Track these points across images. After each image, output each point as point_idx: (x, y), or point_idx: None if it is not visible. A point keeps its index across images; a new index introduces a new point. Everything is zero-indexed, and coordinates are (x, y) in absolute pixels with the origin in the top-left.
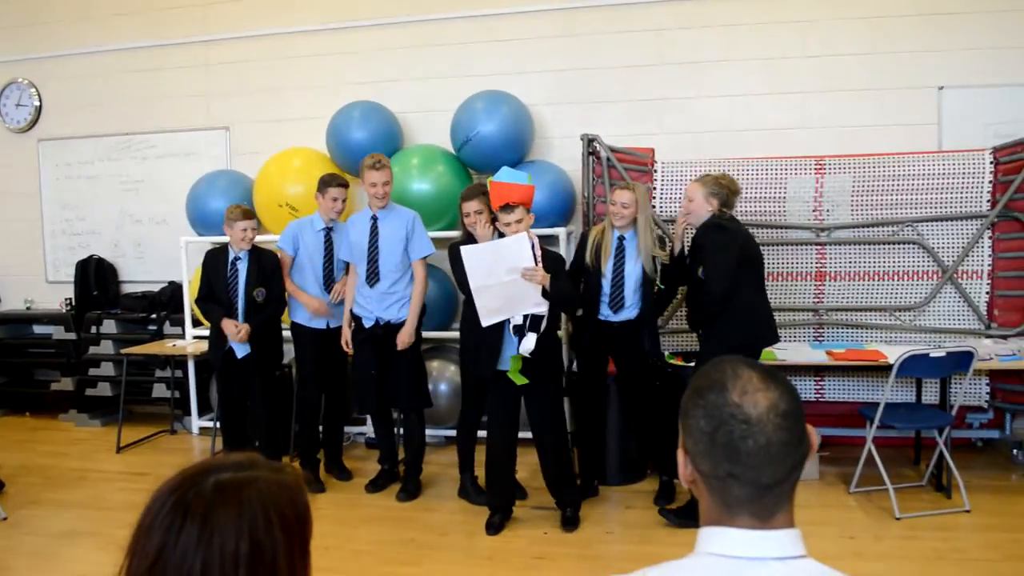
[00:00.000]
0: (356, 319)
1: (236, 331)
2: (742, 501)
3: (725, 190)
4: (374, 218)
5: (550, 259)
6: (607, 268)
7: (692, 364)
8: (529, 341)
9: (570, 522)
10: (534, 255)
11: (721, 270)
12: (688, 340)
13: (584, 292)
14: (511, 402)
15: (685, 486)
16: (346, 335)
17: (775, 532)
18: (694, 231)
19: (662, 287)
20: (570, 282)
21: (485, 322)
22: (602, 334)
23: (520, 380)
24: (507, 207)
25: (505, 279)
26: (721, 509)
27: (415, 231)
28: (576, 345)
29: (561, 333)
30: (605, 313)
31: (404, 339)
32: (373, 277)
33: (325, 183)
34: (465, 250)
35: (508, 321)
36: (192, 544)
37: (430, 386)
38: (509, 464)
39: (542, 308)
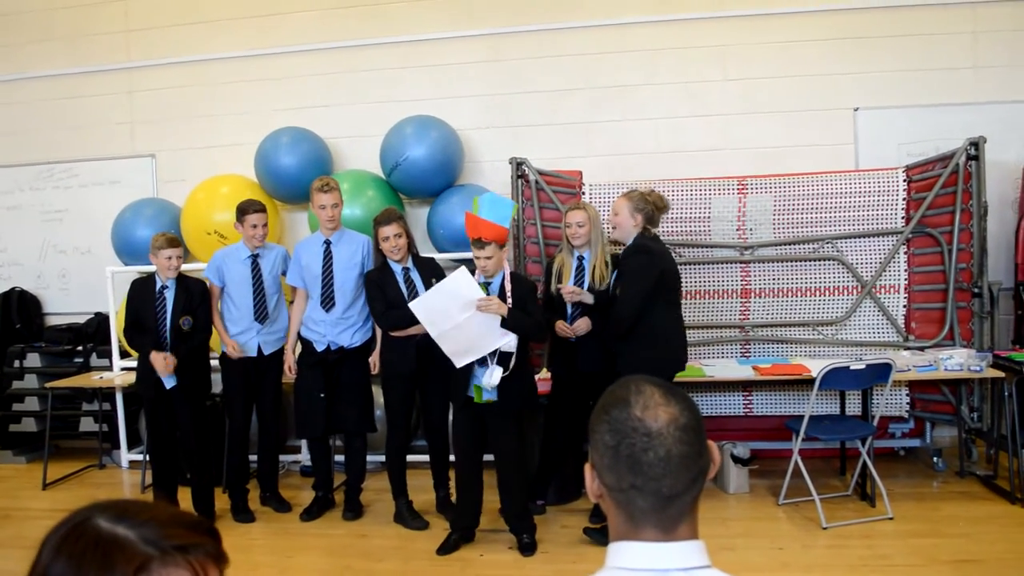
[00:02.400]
0: (305, 343)
1: (164, 364)
2: (646, 512)
3: (651, 206)
4: (327, 243)
5: (518, 285)
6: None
7: None
8: (493, 375)
9: (528, 547)
10: (502, 285)
11: (632, 295)
12: None
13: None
14: (474, 428)
15: (593, 500)
16: (289, 360)
17: (678, 544)
18: (620, 248)
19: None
20: (539, 311)
21: (459, 364)
22: (568, 353)
23: (480, 398)
24: (479, 242)
25: (461, 318)
26: (627, 523)
27: (371, 256)
28: (551, 369)
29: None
30: None
31: (378, 363)
32: (328, 302)
33: (242, 211)
34: (414, 306)
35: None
36: None
37: None
38: (474, 488)
39: (511, 340)
